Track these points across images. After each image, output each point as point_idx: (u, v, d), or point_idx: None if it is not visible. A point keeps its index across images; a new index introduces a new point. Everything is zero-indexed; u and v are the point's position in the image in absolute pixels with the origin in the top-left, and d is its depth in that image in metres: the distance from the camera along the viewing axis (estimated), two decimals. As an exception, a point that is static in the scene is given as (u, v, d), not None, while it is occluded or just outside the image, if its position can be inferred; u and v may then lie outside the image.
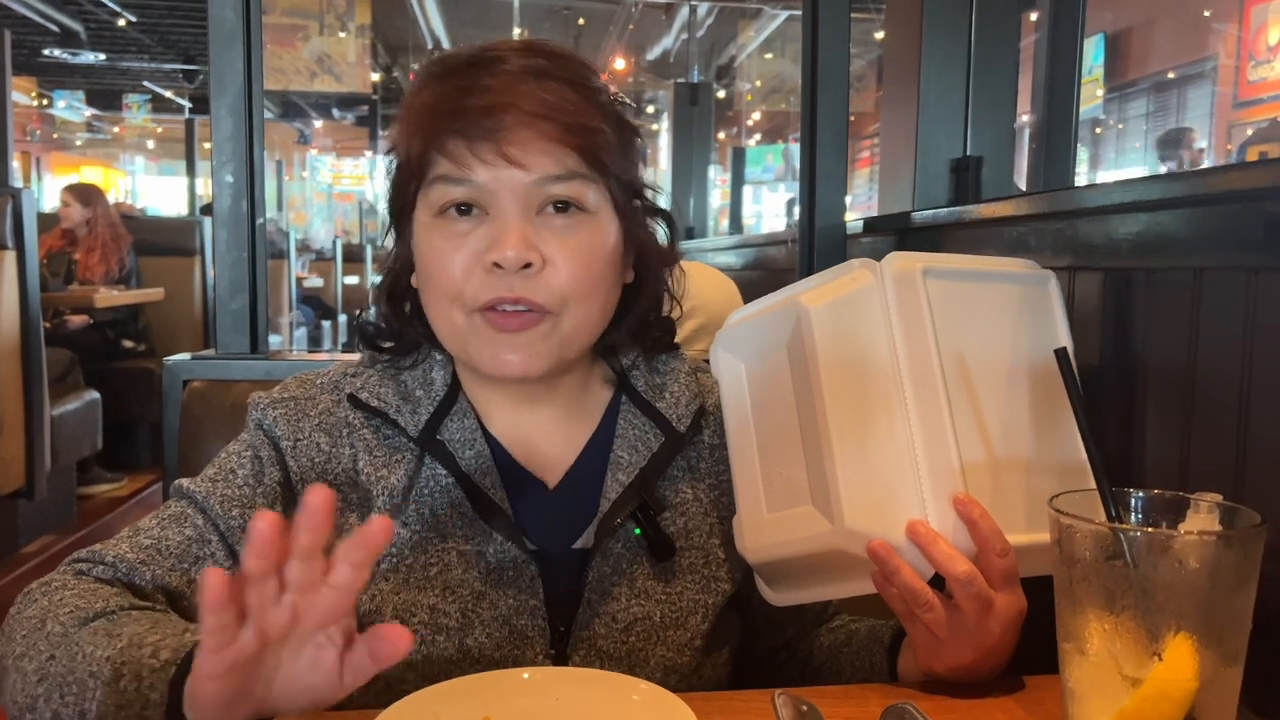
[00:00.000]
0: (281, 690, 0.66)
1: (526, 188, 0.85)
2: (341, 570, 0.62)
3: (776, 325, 0.89)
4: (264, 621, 0.62)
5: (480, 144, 0.84)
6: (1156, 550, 0.63)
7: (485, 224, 0.86)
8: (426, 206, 0.88)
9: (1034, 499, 0.84)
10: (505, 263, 0.83)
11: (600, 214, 0.89)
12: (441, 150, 0.85)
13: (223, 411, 1.27)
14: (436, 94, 0.87)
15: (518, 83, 0.85)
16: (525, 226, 0.85)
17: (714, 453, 1.00)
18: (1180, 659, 0.62)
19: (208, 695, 0.63)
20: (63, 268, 5.04)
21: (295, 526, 0.61)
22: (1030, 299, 0.91)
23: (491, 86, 0.85)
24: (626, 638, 0.90)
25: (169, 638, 0.72)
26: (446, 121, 0.85)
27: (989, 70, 1.75)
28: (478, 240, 0.86)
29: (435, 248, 0.87)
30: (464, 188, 0.85)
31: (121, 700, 0.69)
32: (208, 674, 0.62)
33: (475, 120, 0.84)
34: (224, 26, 1.50)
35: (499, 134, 0.84)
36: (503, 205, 0.85)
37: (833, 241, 1.76)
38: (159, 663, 0.70)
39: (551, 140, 0.85)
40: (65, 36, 9.95)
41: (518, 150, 0.84)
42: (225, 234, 1.53)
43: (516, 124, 0.84)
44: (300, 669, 0.65)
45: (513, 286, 0.84)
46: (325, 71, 7.87)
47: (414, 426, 0.91)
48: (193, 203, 10.84)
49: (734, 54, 10.25)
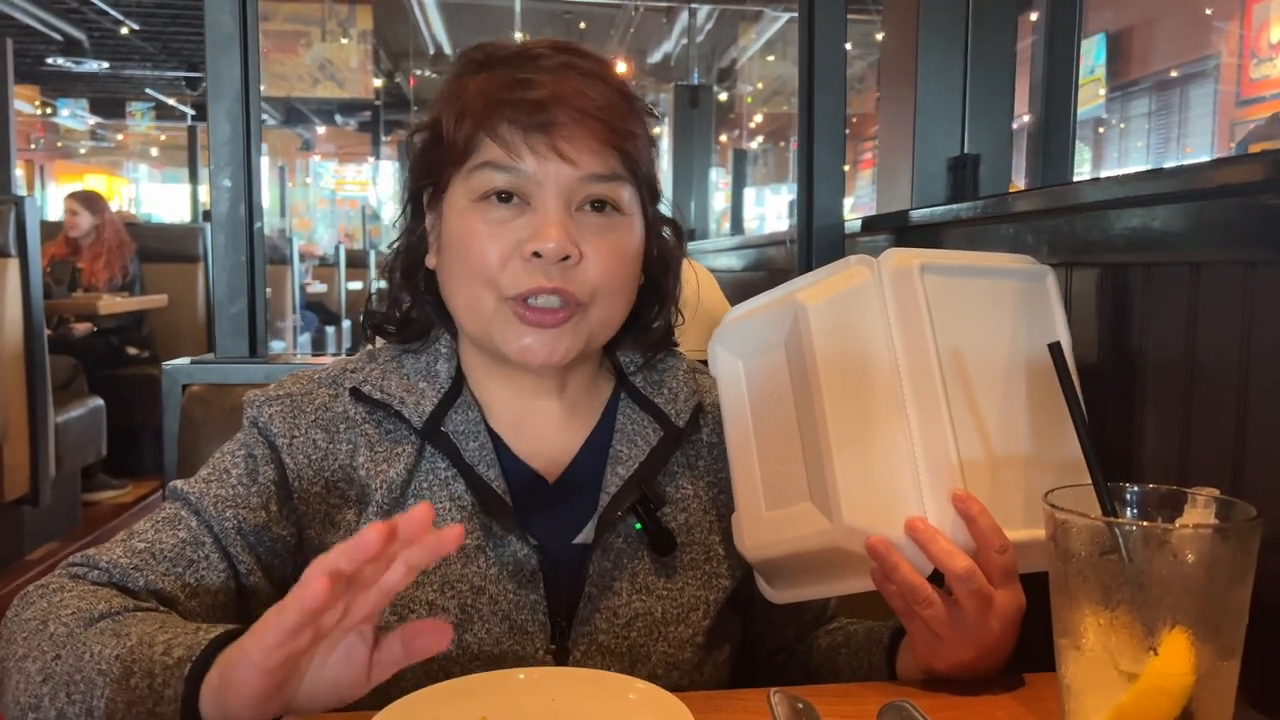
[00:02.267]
0: (311, 686, 0.67)
1: (571, 183, 0.87)
2: (396, 571, 0.63)
3: (774, 323, 0.89)
4: (320, 620, 0.63)
5: (534, 135, 0.86)
6: (1152, 544, 0.63)
7: (526, 214, 0.88)
8: (465, 190, 0.89)
9: (1032, 495, 0.84)
10: (547, 254, 0.85)
11: (632, 216, 0.92)
12: (493, 135, 0.87)
13: (222, 415, 1.27)
14: (490, 81, 0.89)
15: (568, 79, 0.87)
16: (566, 220, 0.87)
17: (712, 450, 1.00)
18: (1177, 653, 0.62)
19: (252, 685, 0.64)
20: (66, 275, 5.05)
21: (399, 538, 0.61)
22: (1028, 294, 0.91)
23: (545, 81, 0.87)
24: (628, 633, 0.90)
25: (180, 636, 0.72)
26: (501, 109, 0.87)
27: (986, 68, 1.75)
28: (518, 229, 0.87)
29: (474, 230, 0.88)
30: (510, 175, 0.87)
31: (132, 697, 0.69)
32: (262, 665, 0.62)
33: (530, 111, 0.86)
34: (221, 32, 1.50)
35: (552, 128, 0.86)
36: (546, 198, 0.87)
37: (831, 241, 1.76)
38: (172, 660, 0.70)
39: (599, 140, 0.87)
40: (69, 45, 9.99)
41: (568, 146, 0.86)
42: (224, 238, 1.53)
43: (569, 120, 0.86)
44: (332, 665, 0.66)
45: (550, 276, 0.86)
46: (327, 77, 7.89)
47: (418, 417, 0.92)
48: (195, 209, 10.86)
49: (735, 57, 10.25)
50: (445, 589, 0.88)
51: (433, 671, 0.86)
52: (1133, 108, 9.31)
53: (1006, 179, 1.80)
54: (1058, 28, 2.01)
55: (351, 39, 7.90)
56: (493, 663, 0.87)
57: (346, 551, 0.60)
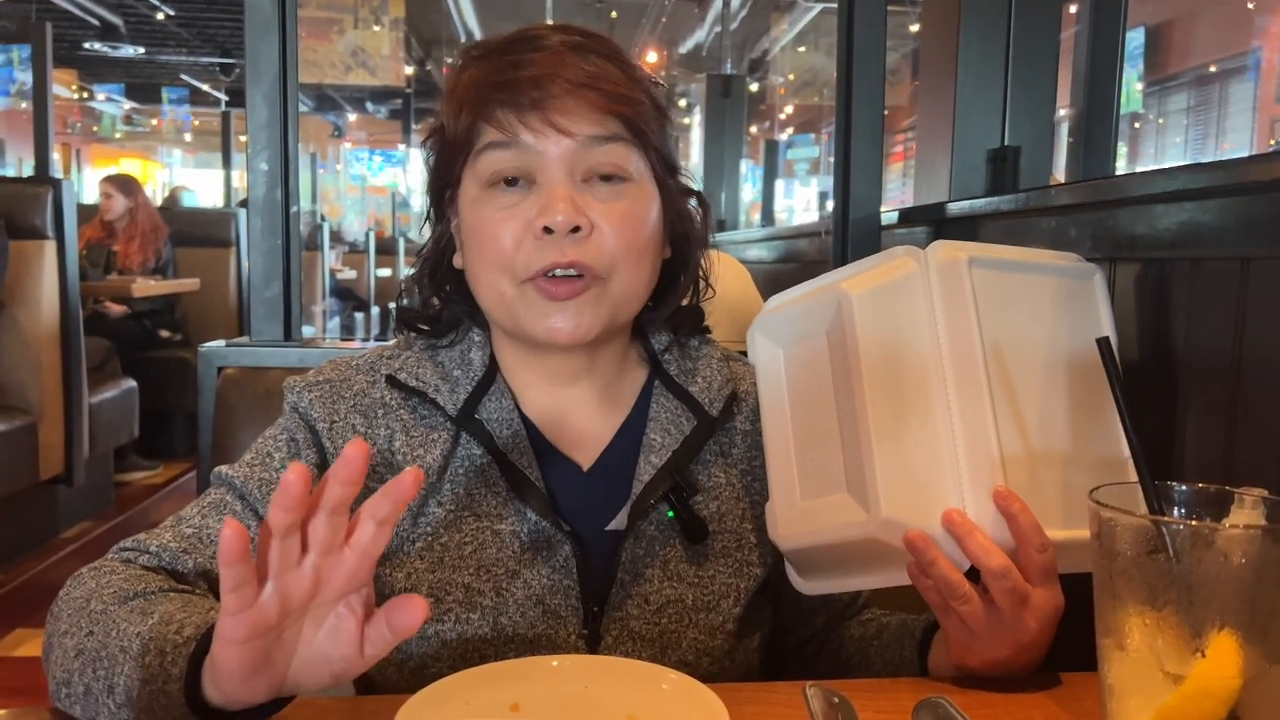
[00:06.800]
0: (302, 663, 0.65)
1: (572, 151, 0.87)
2: (365, 529, 0.61)
3: (817, 311, 0.88)
4: (285, 585, 0.61)
5: (528, 113, 0.86)
6: (1200, 544, 0.62)
7: (533, 193, 0.88)
8: (474, 179, 0.90)
9: (1071, 494, 0.82)
10: (555, 226, 0.85)
11: (642, 182, 0.91)
12: (490, 120, 0.87)
13: (256, 398, 1.28)
14: (482, 70, 0.90)
15: (561, 56, 0.87)
16: (572, 192, 0.87)
17: (746, 439, 0.99)
18: (1224, 655, 0.61)
19: (230, 663, 0.63)
20: (102, 258, 5.12)
21: (327, 477, 0.60)
22: (1075, 293, 0.90)
23: (536, 60, 0.87)
24: (659, 619, 0.91)
25: (194, 615, 0.72)
26: (493, 93, 0.87)
27: (1029, 58, 1.72)
28: (527, 209, 0.87)
29: (484, 218, 0.89)
30: (511, 152, 0.87)
31: (146, 675, 0.70)
32: (229, 638, 0.61)
33: (522, 90, 0.86)
34: (260, 15, 1.51)
35: (545, 102, 0.86)
36: (550, 172, 0.87)
37: (867, 232, 1.74)
38: (181, 638, 0.70)
39: (596, 108, 0.87)
40: (105, 30, 10.09)
41: (563, 118, 0.86)
42: (260, 222, 1.54)
43: (562, 93, 0.86)
44: (321, 640, 0.64)
45: (565, 250, 0.86)
46: (359, 65, 7.91)
47: (453, 405, 0.92)
48: (228, 195, 10.95)
49: (766, 48, 10.19)
50: (481, 572, 0.88)
51: (468, 654, 0.87)
52: (1170, 103, 9.18)
53: (1048, 172, 1.77)
54: (1102, 16, 1.97)
55: (384, 26, 7.92)
56: (526, 646, 0.88)
57: (274, 500, 0.58)
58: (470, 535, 0.89)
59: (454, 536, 0.89)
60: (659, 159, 0.92)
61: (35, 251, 3.63)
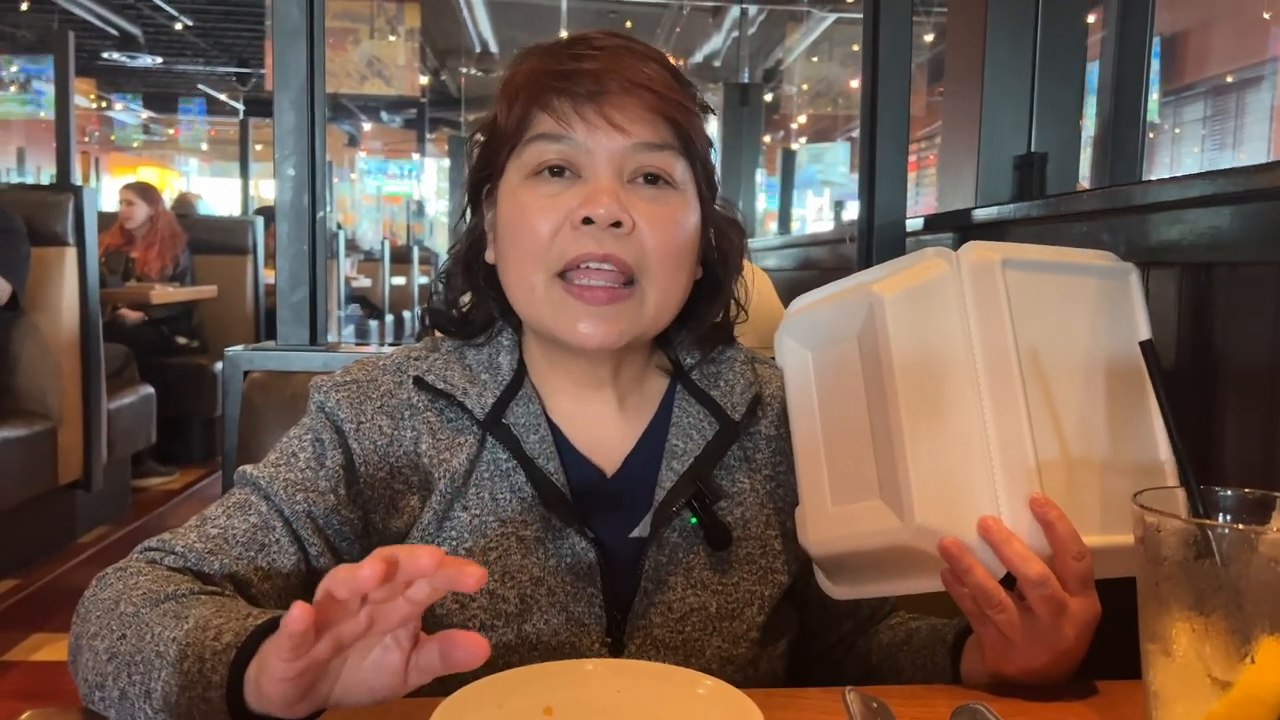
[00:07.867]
0: (345, 687, 0.66)
1: (623, 151, 0.88)
2: (421, 589, 0.61)
3: (846, 313, 0.88)
4: (340, 631, 0.62)
5: (584, 104, 0.87)
6: (1248, 549, 0.61)
7: (577, 185, 0.88)
8: (519, 168, 0.90)
9: (1109, 499, 0.81)
10: (598, 219, 0.85)
11: (686, 192, 0.91)
12: (545, 107, 0.88)
13: (282, 401, 1.28)
14: (541, 60, 0.91)
15: (620, 56, 0.89)
16: (618, 188, 0.87)
17: (771, 444, 0.99)
18: (1273, 661, 0.60)
19: (275, 694, 0.63)
20: (121, 265, 5.15)
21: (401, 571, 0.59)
22: (1110, 293, 0.89)
23: (596, 56, 0.88)
24: (682, 628, 0.90)
25: (231, 621, 0.72)
26: (551, 81, 0.88)
27: (1056, 63, 1.72)
28: (569, 200, 0.88)
29: (524, 205, 0.89)
30: (562, 145, 0.88)
31: (185, 681, 0.70)
32: (279, 677, 0.62)
33: (581, 82, 0.87)
34: (289, 23, 1.52)
35: (602, 97, 0.87)
36: (597, 167, 0.88)
37: (892, 238, 1.73)
38: (221, 645, 0.70)
39: (651, 110, 0.88)
40: (124, 40, 10.18)
41: (619, 114, 0.87)
42: (287, 227, 1.54)
43: (620, 90, 0.87)
44: (366, 669, 0.65)
45: (601, 242, 0.86)
46: (375, 74, 7.94)
47: (480, 409, 0.92)
48: (245, 202, 11.01)
49: (780, 58, 10.20)
50: (506, 579, 0.88)
51: (492, 661, 0.85)
52: (1186, 113, 9.13)
53: (1074, 178, 1.76)
54: (1129, 21, 1.96)
55: (399, 36, 7.95)
56: (550, 654, 0.87)
57: (345, 580, 0.58)
58: (495, 541, 0.89)
59: (479, 542, 0.89)
60: (704, 172, 0.93)
61: (56, 258, 3.66)
